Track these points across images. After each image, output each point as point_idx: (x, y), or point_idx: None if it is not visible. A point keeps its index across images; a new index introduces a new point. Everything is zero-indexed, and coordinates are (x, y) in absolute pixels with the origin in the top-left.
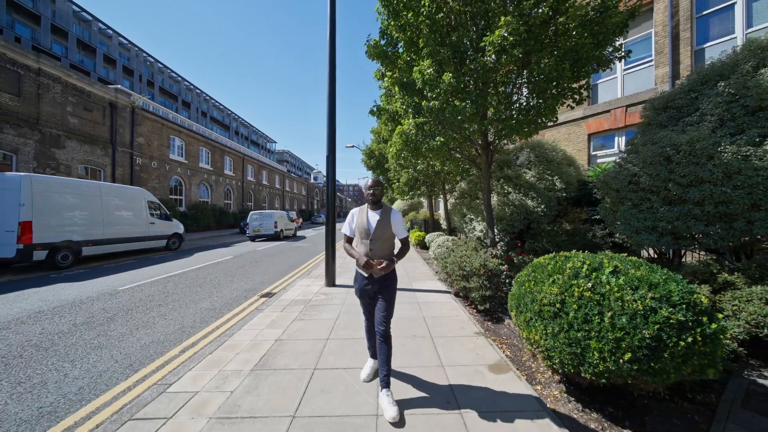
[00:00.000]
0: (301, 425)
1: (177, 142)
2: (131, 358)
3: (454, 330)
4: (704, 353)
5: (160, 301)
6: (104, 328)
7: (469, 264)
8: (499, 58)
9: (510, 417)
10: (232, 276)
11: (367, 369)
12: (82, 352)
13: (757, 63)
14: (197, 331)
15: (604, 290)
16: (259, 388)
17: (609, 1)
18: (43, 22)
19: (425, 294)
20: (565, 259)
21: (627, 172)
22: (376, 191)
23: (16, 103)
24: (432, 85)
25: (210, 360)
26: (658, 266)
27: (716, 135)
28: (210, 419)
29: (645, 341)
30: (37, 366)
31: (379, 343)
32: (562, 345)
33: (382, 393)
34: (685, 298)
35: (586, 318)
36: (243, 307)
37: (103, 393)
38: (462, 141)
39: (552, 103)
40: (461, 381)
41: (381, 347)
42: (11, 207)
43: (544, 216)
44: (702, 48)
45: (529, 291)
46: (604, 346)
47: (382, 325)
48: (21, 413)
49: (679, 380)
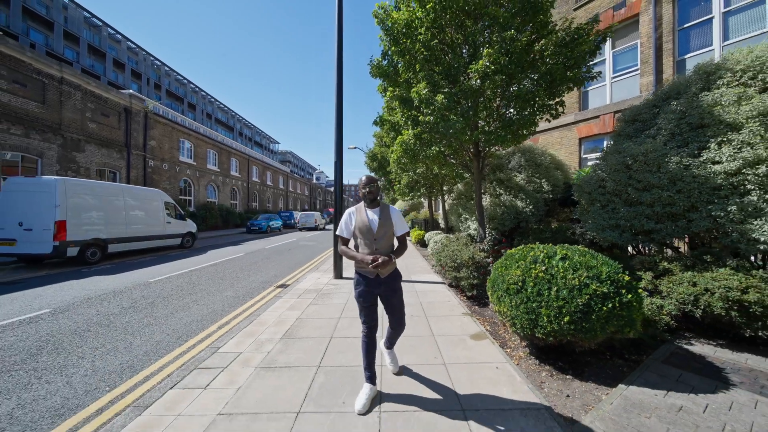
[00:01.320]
0: (325, 372)
1: (186, 144)
2: (179, 332)
3: (445, 311)
4: (622, 316)
5: (189, 291)
6: (148, 311)
7: (459, 257)
8: (483, 82)
9: (482, 367)
10: (248, 270)
11: (362, 398)
12: (137, 328)
13: (702, 86)
14: (227, 313)
15: (554, 271)
16: (289, 349)
17: (580, 29)
18: (56, 28)
19: (422, 284)
20: (530, 249)
21: (597, 177)
22: (372, 189)
23: (41, 110)
24: (427, 103)
25: (245, 332)
26: (599, 254)
27: (666, 147)
28: (256, 368)
29: (579, 307)
30: (105, 338)
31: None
32: (521, 313)
33: (387, 352)
34: (611, 276)
35: (539, 292)
36: (263, 295)
37: (165, 355)
38: (455, 149)
39: (531, 117)
40: (448, 345)
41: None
42: (47, 208)
43: (532, 215)
44: (683, 59)
45: (500, 274)
46: (551, 312)
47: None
48: (108, 367)
49: (606, 337)
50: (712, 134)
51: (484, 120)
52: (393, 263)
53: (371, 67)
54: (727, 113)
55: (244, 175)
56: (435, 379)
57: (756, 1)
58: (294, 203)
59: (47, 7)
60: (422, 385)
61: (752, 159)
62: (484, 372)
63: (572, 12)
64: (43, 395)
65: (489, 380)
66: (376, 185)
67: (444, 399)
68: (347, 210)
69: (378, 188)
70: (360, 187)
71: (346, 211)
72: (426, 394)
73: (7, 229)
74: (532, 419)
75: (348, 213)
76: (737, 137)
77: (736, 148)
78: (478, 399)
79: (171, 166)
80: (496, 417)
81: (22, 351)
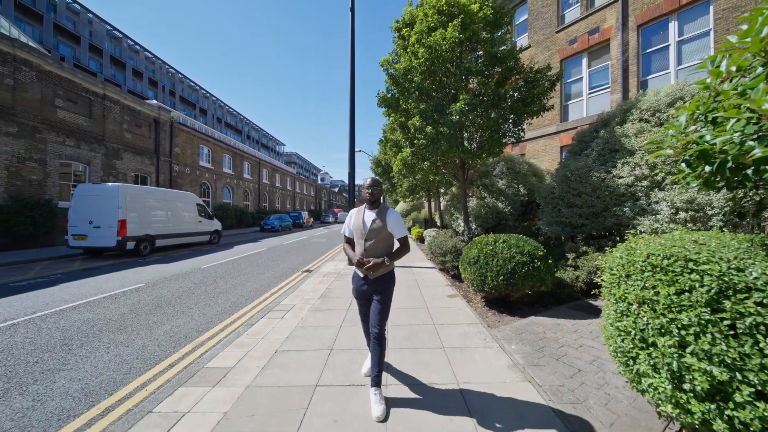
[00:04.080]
0: (351, 312)
1: (205, 150)
2: (243, 297)
3: (433, 284)
4: (534, 276)
5: (237, 273)
6: (215, 285)
7: (445, 246)
8: (461, 117)
9: (451, 310)
10: (275, 260)
11: (367, 364)
12: (214, 294)
13: (620, 119)
14: (273, 287)
15: (497, 249)
16: (326, 303)
17: (538, 72)
18: (82, 41)
19: (418, 269)
20: (485, 237)
21: (549, 186)
22: (375, 191)
23: (88, 123)
24: (420, 131)
25: (293, 295)
26: (528, 239)
27: (593, 165)
28: (308, 311)
29: (508, 271)
30: (198, 299)
31: (373, 344)
32: (476, 276)
33: (372, 391)
34: (530, 252)
35: (487, 263)
36: (294, 277)
37: (240, 308)
38: (445, 162)
39: (499, 141)
40: (432, 300)
41: (374, 348)
42: (112, 209)
43: (510, 215)
44: (646, 79)
45: (466, 253)
46: (492, 274)
47: (376, 327)
48: (211, 312)
49: (528, 291)
50: (620, 157)
51: (465, 141)
52: (385, 266)
53: (378, 98)
54: (629, 143)
55: (255, 178)
56: (421, 315)
57: (702, 33)
58: (301, 204)
59: (74, 22)
60: (414, 318)
61: (640, 175)
62: (452, 312)
63: (554, 34)
64: (185, 322)
65: (453, 315)
66: (380, 189)
67: (425, 325)
68: (351, 210)
69: (381, 192)
70: (364, 187)
71: (350, 212)
72: (414, 322)
73: (80, 226)
74: (473, 329)
75: (350, 213)
76: (632, 160)
77: (632, 167)
78: (446, 322)
79: (192, 170)
80: (453, 329)
81: (148, 305)
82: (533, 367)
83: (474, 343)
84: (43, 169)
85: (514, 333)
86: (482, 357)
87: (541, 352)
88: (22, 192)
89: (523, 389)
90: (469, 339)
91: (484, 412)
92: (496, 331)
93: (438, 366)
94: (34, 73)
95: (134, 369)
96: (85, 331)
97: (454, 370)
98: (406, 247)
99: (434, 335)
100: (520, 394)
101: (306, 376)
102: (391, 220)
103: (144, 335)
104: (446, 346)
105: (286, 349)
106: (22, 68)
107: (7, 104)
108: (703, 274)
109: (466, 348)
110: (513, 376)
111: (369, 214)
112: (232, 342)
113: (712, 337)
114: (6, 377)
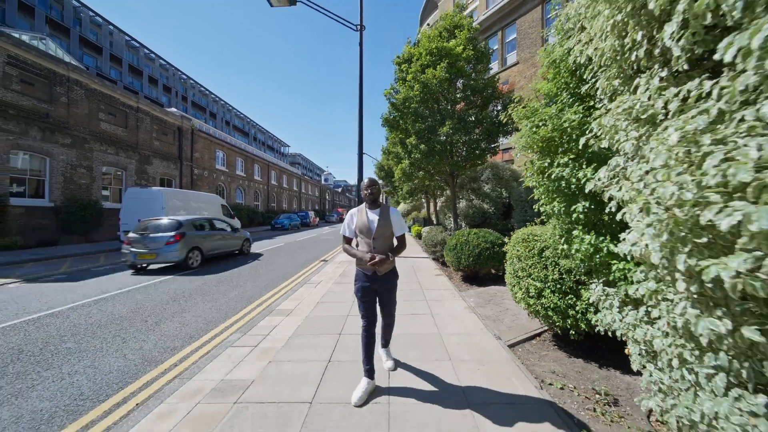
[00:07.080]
0: None
1: (220, 154)
2: (281, 277)
3: (425, 269)
4: (495, 258)
5: (265, 265)
6: (261, 271)
7: (435, 239)
8: (448, 137)
9: (437, 282)
10: (294, 253)
11: (359, 391)
12: (264, 272)
13: None
14: (298, 272)
15: (470, 239)
16: (344, 280)
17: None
18: (104, 52)
19: (415, 259)
20: (463, 230)
21: (520, 191)
22: (374, 190)
23: (125, 133)
24: (415, 147)
25: (318, 275)
26: (494, 231)
27: None
28: (332, 283)
29: (476, 254)
30: (245, 280)
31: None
32: (454, 258)
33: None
34: (494, 241)
35: (462, 248)
36: (313, 264)
37: (276, 287)
38: (437, 171)
39: (480, 155)
40: (423, 278)
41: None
42: (156, 210)
43: (494, 215)
44: None
45: (448, 243)
46: (465, 256)
47: (389, 318)
48: (258, 287)
49: (493, 270)
50: None
51: (456, 154)
52: (391, 262)
53: (383, 119)
54: None
55: (264, 179)
56: (414, 286)
57: None
58: (306, 204)
59: (97, 34)
60: (409, 287)
61: None
62: (436, 283)
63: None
64: (253, 286)
65: (437, 286)
66: (378, 188)
67: (417, 291)
68: (350, 211)
69: (379, 191)
70: (363, 188)
71: (349, 212)
72: (409, 288)
73: (130, 224)
74: (449, 293)
75: (350, 214)
76: None
77: None
78: (431, 288)
79: (209, 174)
80: (435, 293)
81: (213, 282)
82: (480, 308)
83: (446, 298)
84: (90, 174)
85: (475, 294)
86: (450, 304)
87: (488, 302)
88: (75, 195)
89: (470, 317)
90: (444, 297)
91: (443, 326)
92: (464, 293)
93: (422, 308)
94: (83, 91)
95: (237, 307)
96: (191, 292)
97: (431, 310)
98: (404, 243)
99: (422, 295)
100: (467, 319)
101: (339, 313)
102: (394, 219)
103: (229, 295)
104: (428, 299)
105: (324, 302)
106: (75, 87)
107: (63, 119)
108: (537, 241)
109: (441, 300)
110: (466, 312)
111: (372, 214)
112: (288, 297)
113: (537, 269)
114: (154, 314)
